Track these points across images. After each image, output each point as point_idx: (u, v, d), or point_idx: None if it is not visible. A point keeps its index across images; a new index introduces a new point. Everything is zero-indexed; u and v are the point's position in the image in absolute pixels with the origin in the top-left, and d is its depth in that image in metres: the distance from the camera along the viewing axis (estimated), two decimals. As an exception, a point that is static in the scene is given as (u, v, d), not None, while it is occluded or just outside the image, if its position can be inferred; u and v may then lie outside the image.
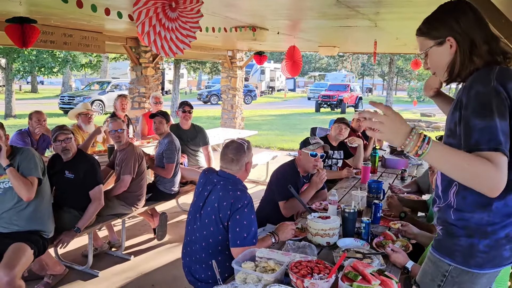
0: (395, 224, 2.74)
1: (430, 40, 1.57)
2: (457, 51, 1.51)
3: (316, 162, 3.29)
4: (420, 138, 1.35)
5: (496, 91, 1.37)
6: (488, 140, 1.32)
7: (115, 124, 4.03)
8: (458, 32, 1.50)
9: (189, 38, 3.21)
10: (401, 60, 30.69)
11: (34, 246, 2.98)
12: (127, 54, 7.81)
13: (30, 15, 4.82)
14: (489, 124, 1.33)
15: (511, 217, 1.48)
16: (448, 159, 1.36)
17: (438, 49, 1.56)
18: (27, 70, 18.95)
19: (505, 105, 1.37)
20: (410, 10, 4.17)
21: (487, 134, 1.33)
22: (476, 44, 1.48)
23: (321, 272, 1.84)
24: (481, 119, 1.35)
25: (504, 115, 1.35)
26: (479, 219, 1.49)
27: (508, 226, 1.48)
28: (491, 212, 1.47)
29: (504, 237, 1.48)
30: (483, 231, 1.49)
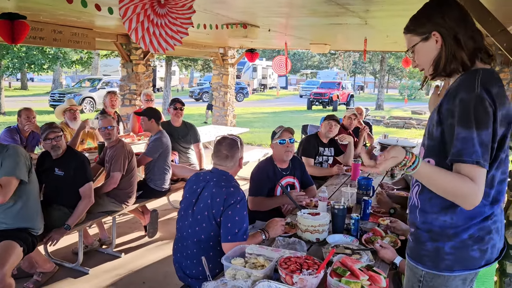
0: (384, 221, 2.76)
1: (417, 36, 1.59)
2: (442, 46, 1.52)
3: (287, 147, 3.28)
4: (412, 158, 1.44)
5: (480, 98, 1.38)
6: (471, 153, 1.36)
7: (105, 121, 4.02)
8: (443, 27, 1.51)
9: (180, 34, 3.19)
10: (392, 58, 30.85)
11: (23, 244, 2.96)
12: (117, 51, 7.76)
13: (19, 11, 4.77)
14: (469, 135, 1.36)
15: (474, 220, 1.49)
16: (434, 180, 1.44)
17: (424, 45, 1.57)
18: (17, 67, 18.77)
19: (488, 112, 1.38)
20: (400, 8, 4.19)
21: (469, 145, 1.36)
22: (460, 39, 1.49)
23: (310, 268, 1.86)
24: (463, 128, 1.38)
25: (486, 123, 1.37)
26: (442, 222, 1.52)
27: (471, 227, 1.49)
28: (454, 215, 1.49)
29: (468, 238, 1.49)
30: (446, 234, 1.51)
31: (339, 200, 2.71)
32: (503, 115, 1.43)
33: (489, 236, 1.51)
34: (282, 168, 3.38)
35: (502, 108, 1.42)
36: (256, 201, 3.18)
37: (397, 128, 15.72)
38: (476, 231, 1.49)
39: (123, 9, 2.75)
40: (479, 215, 1.49)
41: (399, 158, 1.45)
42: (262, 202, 3.18)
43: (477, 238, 1.49)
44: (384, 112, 22.30)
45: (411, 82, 34.75)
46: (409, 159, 1.44)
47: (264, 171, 3.32)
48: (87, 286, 3.60)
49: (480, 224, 1.49)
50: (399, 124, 16.24)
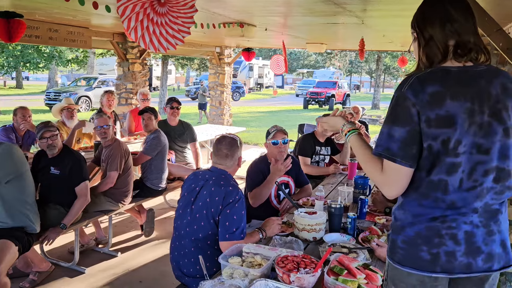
0: (381, 219, 2.77)
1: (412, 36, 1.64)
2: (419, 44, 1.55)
3: (280, 148, 3.27)
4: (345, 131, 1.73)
5: (402, 98, 1.42)
6: (378, 145, 1.46)
7: (101, 120, 4.01)
8: (418, 27, 1.54)
9: (182, 33, 3.17)
10: (389, 57, 30.92)
11: (19, 243, 2.95)
12: (114, 50, 7.74)
13: (14, 9, 4.75)
14: (384, 130, 1.46)
15: (421, 217, 1.47)
16: (357, 154, 1.64)
17: (414, 44, 1.61)
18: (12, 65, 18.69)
19: (406, 111, 1.40)
20: (396, 8, 4.20)
21: (381, 138, 1.46)
22: (432, 37, 1.49)
23: (307, 267, 1.86)
24: (384, 123, 1.47)
25: (401, 121, 1.41)
26: (398, 214, 1.55)
27: (417, 224, 1.47)
28: (405, 210, 1.52)
29: (416, 236, 1.47)
30: (398, 227, 1.54)
31: (336, 199, 2.72)
32: (441, 115, 1.37)
33: (440, 239, 1.43)
34: None
35: (438, 109, 1.37)
36: (253, 194, 3.16)
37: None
38: (422, 229, 1.46)
39: (122, 8, 2.74)
40: (426, 214, 1.46)
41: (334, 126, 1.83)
42: (258, 192, 3.15)
43: (425, 237, 1.45)
44: (380, 111, 22.33)
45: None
46: (342, 130, 1.75)
47: (258, 168, 3.33)
48: (83, 285, 3.59)
49: (427, 223, 1.46)
50: (395, 124, 16.27)
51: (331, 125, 1.86)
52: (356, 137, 1.67)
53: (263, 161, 3.39)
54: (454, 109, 1.38)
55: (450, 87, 1.40)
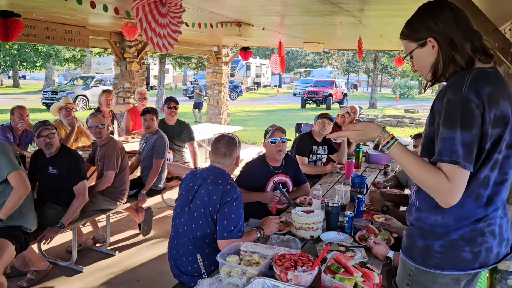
0: (379, 218, 2.78)
1: (413, 42, 1.58)
2: (439, 51, 1.51)
3: (279, 147, 3.28)
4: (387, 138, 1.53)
5: (466, 99, 1.37)
6: (450, 152, 1.36)
7: (96, 119, 4.00)
8: (437, 32, 1.50)
9: (176, 33, 3.21)
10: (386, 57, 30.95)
11: (16, 242, 2.95)
12: (111, 49, 7.73)
13: (12, 8, 4.75)
14: (451, 135, 1.37)
15: (465, 221, 1.48)
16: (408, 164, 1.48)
17: (421, 51, 1.56)
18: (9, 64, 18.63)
19: (473, 113, 1.36)
20: (393, 7, 4.22)
21: (449, 145, 1.37)
22: (456, 43, 1.47)
23: (304, 265, 1.87)
24: (446, 128, 1.38)
25: (470, 125, 1.36)
26: (433, 220, 1.52)
27: (462, 228, 1.49)
28: (445, 215, 1.49)
29: (459, 239, 1.49)
30: (436, 233, 1.52)
31: (333, 198, 2.73)
32: (497, 116, 1.40)
33: (482, 238, 1.49)
34: (274, 166, 3.39)
35: (495, 109, 1.39)
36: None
37: (390, 127, 15.80)
38: (467, 232, 1.48)
39: (135, 8, 2.78)
40: (470, 216, 1.48)
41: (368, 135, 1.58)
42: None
43: (469, 239, 1.48)
44: (378, 110, 22.39)
45: (404, 81, 34.91)
46: (383, 137, 1.53)
47: (255, 167, 3.34)
48: (81, 284, 3.59)
49: (472, 226, 1.48)
50: (392, 123, 16.33)
51: (366, 135, 1.60)
52: (402, 147, 1.52)
53: (260, 160, 3.41)
54: (505, 108, 1.42)
55: (497, 87, 1.42)
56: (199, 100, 15.52)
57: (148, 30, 2.89)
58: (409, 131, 13.95)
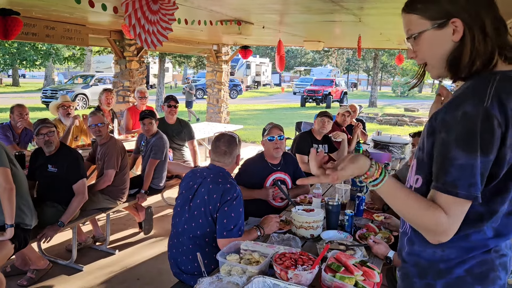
0: (379, 217, 2.79)
1: (426, 20, 1.17)
2: (465, 39, 1.12)
3: (276, 144, 3.28)
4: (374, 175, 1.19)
5: (487, 115, 1.04)
6: (469, 185, 1.06)
7: (95, 118, 3.99)
8: (467, 13, 1.11)
9: (167, 30, 3.21)
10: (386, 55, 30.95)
11: (15, 240, 2.94)
12: (111, 48, 7.72)
13: (11, 6, 4.74)
14: (470, 162, 1.06)
15: (473, 252, 1.19)
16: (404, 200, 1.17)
17: (435, 34, 1.17)
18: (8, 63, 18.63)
19: (494, 135, 1.05)
20: (393, 6, 4.21)
21: (467, 175, 1.06)
22: (487, 31, 1.11)
23: (304, 264, 1.87)
24: (463, 152, 1.06)
25: (489, 149, 1.06)
26: (431, 253, 1.22)
27: (469, 261, 1.19)
28: (446, 247, 1.19)
29: (466, 275, 1.19)
30: (436, 269, 1.22)
31: (333, 197, 2.73)
32: None
33: (495, 273, 1.19)
34: (273, 163, 3.39)
35: None
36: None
37: (390, 125, 15.81)
38: (476, 265, 1.18)
39: (125, 4, 2.77)
40: (480, 247, 1.18)
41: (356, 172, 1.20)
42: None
43: (479, 275, 1.18)
44: (377, 109, 22.40)
45: (404, 80, 34.92)
46: (370, 175, 1.18)
47: (254, 165, 3.35)
48: (81, 283, 3.59)
49: (481, 257, 1.19)
50: (392, 121, 16.33)
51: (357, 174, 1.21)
52: (394, 181, 1.19)
53: (258, 158, 3.41)
54: None
55: None
56: (190, 98, 15.49)
57: (136, 27, 2.89)
58: (409, 130, 13.95)
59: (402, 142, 5.31)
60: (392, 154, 4.97)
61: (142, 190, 4.39)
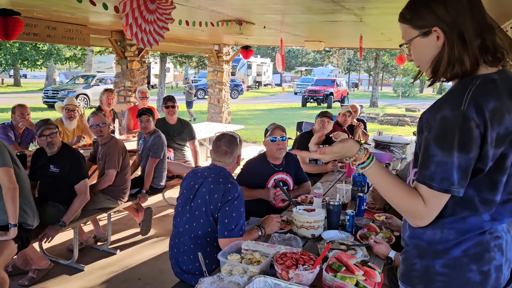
0: (380, 217, 2.79)
1: (414, 29, 1.33)
2: (445, 45, 1.26)
3: (278, 145, 3.28)
4: (363, 158, 1.40)
5: (464, 118, 1.16)
6: (441, 179, 1.20)
7: (97, 118, 4.00)
8: (446, 22, 1.25)
9: (163, 30, 3.22)
10: (387, 55, 30.96)
11: (18, 240, 2.95)
12: (112, 48, 7.73)
13: (12, 6, 4.74)
14: (446, 160, 1.19)
15: (469, 233, 1.28)
16: (383, 186, 1.35)
17: (422, 41, 1.32)
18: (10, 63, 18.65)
19: (471, 135, 1.17)
20: (395, 6, 4.20)
21: (442, 170, 1.19)
22: (465, 38, 1.23)
23: (305, 264, 1.87)
24: (440, 149, 1.19)
25: (467, 147, 1.17)
26: (430, 236, 1.32)
27: (465, 242, 1.28)
28: (444, 228, 1.30)
29: (463, 255, 1.28)
30: (435, 250, 1.31)
31: (334, 197, 2.73)
32: (501, 134, 1.20)
33: (489, 254, 1.28)
34: (275, 164, 3.39)
35: (498, 127, 1.19)
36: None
37: (391, 125, 15.80)
38: (471, 246, 1.28)
39: (122, 4, 2.77)
40: (475, 229, 1.28)
41: (346, 155, 1.44)
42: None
43: (474, 255, 1.27)
44: (379, 109, 22.39)
45: (405, 80, 34.90)
46: (358, 157, 1.40)
47: (256, 165, 3.35)
48: (82, 282, 3.59)
49: (476, 238, 1.28)
50: (393, 121, 16.32)
51: (343, 155, 1.45)
52: (378, 167, 1.38)
53: (260, 158, 3.41)
54: (511, 124, 1.22)
55: (503, 100, 1.21)
56: (189, 98, 15.52)
57: (133, 26, 2.90)
58: (410, 130, 13.95)
59: (403, 142, 5.30)
60: (393, 154, 4.97)
61: (143, 190, 4.39)
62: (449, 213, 1.28)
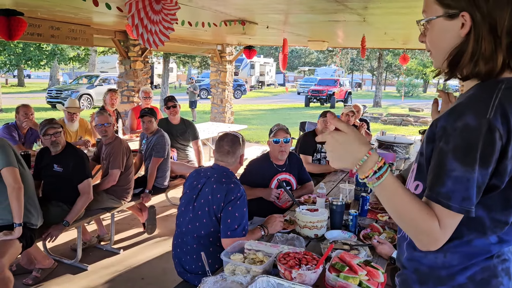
0: (383, 217, 2.78)
1: (440, 6, 1.11)
2: (470, 36, 1.07)
3: (281, 147, 3.28)
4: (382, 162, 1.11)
5: (490, 128, 1.00)
6: (463, 199, 1.02)
7: (102, 118, 4.01)
8: (480, 10, 1.05)
9: (169, 30, 3.23)
10: (390, 55, 30.89)
11: (22, 239, 2.96)
12: (115, 48, 7.74)
13: (16, 7, 4.76)
14: (466, 175, 1.01)
15: (475, 258, 1.14)
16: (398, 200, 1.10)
17: (444, 23, 1.11)
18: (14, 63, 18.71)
19: (494, 148, 1.01)
20: (398, 5, 4.20)
21: (462, 188, 1.02)
22: (498, 32, 1.04)
23: (308, 263, 1.87)
24: (461, 164, 1.02)
25: (488, 162, 1.01)
26: (432, 259, 1.17)
27: (471, 268, 1.14)
28: (448, 252, 1.14)
29: (468, 282, 1.14)
30: (437, 276, 1.17)
31: (337, 197, 2.73)
32: None
33: (497, 280, 1.14)
34: (278, 164, 3.39)
35: None
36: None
37: (395, 125, 15.76)
38: (478, 272, 1.14)
39: (128, 4, 2.78)
40: (482, 253, 1.13)
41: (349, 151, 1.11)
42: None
43: (481, 281, 1.14)
44: (382, 109, 22.35)
45: (408, 79, 34.82)
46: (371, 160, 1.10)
47: (259, 165, 3.35)
48: (85, 282, 3.61)
49: (484, 263, 1.14)
50: (397, 121, 16.29)
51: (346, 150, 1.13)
52: (395, 179, 1.11)
53: (264, 158, 3.41)
54: None
55: None
56: (193, 98, 15.55)
57: (139, 26, 2.91)
58: (413, 130, 13.92)
59: (406, 142, 5.29)
60: (397, 154, 4.96)
61: (146, 189, 4.40)
62: (454, 235, 1.09)
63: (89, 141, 5.08)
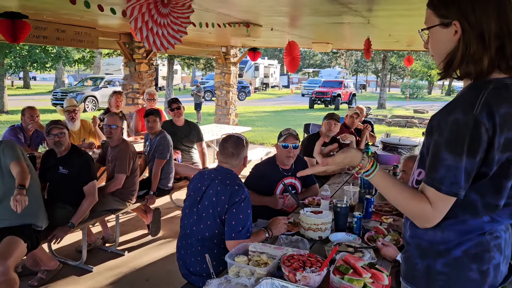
0: (387, 219, 2.78)
1: (436, 17, 1.30)
2: (460, 41, 1.25)
3: (289, 153, 3.28)
4: (367, 166, 1.38)
5: (476, 123, 1.17)
6: (451, 184, 1.21)
7: (110, 119, 4.02)
8: (468, 20, 1.23)
9: (180, 33, 3.23)
10: (395, 57, 30.80)
11: (28, 240, 2.99)
12: (120, 50, 7.78)
13: (22, 10, 4.80)
14: (455, 164, 1.19)
15: (469, 234, 1.30)
16: (388, 191, 1.36)
17: (441, 32, 1.30)
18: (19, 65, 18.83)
19: (480, 140, 1.18)
20: (402, 7, 4.20)
21: (451, 175, 1.20)
22: (485, 38, 1.22)
23: (313, 266, 1.87)
24: (451, 153, 1.20)
25: (475, 152, 1.18)
26: (431, 236, 1.34)
27: (466, 243, 1.31)
28: (445, 229, 1.31)
29: (463, 256, 1.31)
30: (436, 251, 1.34)
31: (342, 199, 2.73)
32: (509, 138, 1.20)
33: (489, 254, 1.31)
34: (284, 169, 3.39)
35: (507, 132, 1.20)
36: None
37: (399, 127, 15.71)
38: (472, 247, 1.30)
39: (130, 9, 2.79)
40: (476, 230, 1.30)
41: (350, 164, 1.42)
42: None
43: (475, 255, 1.30)
44: (386, 111, 22.28)
45: (413, 81, 34.71)
46: (363, 166, 1.39)
47: (265, 169, 3.35)
48: (90, 283, 3.62)
49: (477, 239, 1.30)
50: (401, 123, 16.23)
51: (348, 163, 1.44)
52: (384, 171, 1.38)
53: (270, 162, 3.41)
54: None
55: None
56: (198, 100, 15.64)
57: (143, 29, 2.90)
58: (418, 132, 13.87)
59: (411, 144, 5.28)
60: (401, 156, 4.94)
61: (151, 191, 4.41)
62: (450, 215, 1.28)
63: (94, 144, 5.10)
